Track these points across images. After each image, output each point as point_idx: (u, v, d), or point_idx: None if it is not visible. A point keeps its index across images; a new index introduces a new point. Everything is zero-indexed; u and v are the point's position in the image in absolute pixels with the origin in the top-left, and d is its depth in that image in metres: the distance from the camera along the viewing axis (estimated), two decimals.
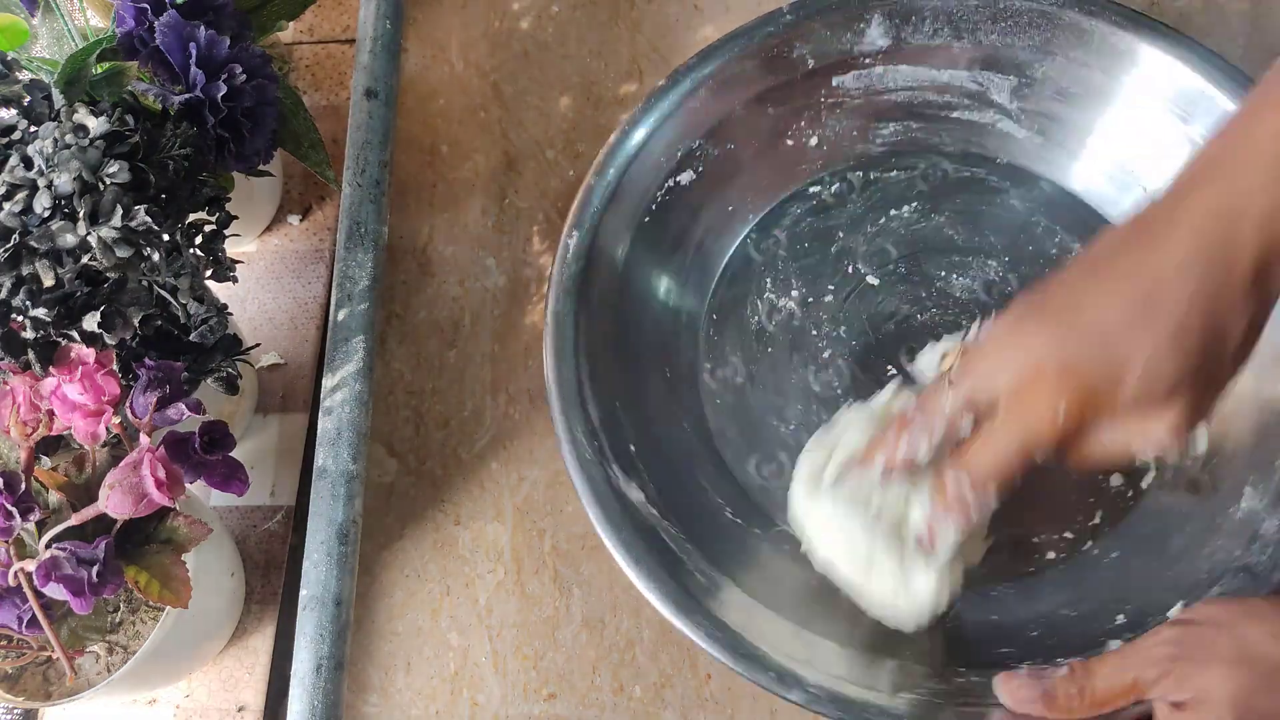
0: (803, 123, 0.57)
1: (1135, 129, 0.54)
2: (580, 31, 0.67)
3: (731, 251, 0.58)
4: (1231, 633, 0.38)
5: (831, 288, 0.56)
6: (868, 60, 0.56)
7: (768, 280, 0.57)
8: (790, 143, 0.58)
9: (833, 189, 0.58)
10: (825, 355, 0.55)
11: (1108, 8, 0.53)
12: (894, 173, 0.58)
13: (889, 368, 0.54)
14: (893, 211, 0.57)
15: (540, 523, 0.55)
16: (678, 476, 0.52)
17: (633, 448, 0.51)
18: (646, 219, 0.55)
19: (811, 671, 0.44)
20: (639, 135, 0.54)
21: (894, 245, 0.57)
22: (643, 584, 0.46)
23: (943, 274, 0.56)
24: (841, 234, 0.57)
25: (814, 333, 0.56)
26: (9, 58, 0.47)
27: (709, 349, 0.56)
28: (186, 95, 0.47)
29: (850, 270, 0.56)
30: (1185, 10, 0.62)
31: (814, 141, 0.58)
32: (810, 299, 0.56)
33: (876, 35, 0.55)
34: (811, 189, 0.58)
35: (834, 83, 0.56)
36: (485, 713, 0.52)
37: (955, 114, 0.57)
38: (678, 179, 0.56)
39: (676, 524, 0.50)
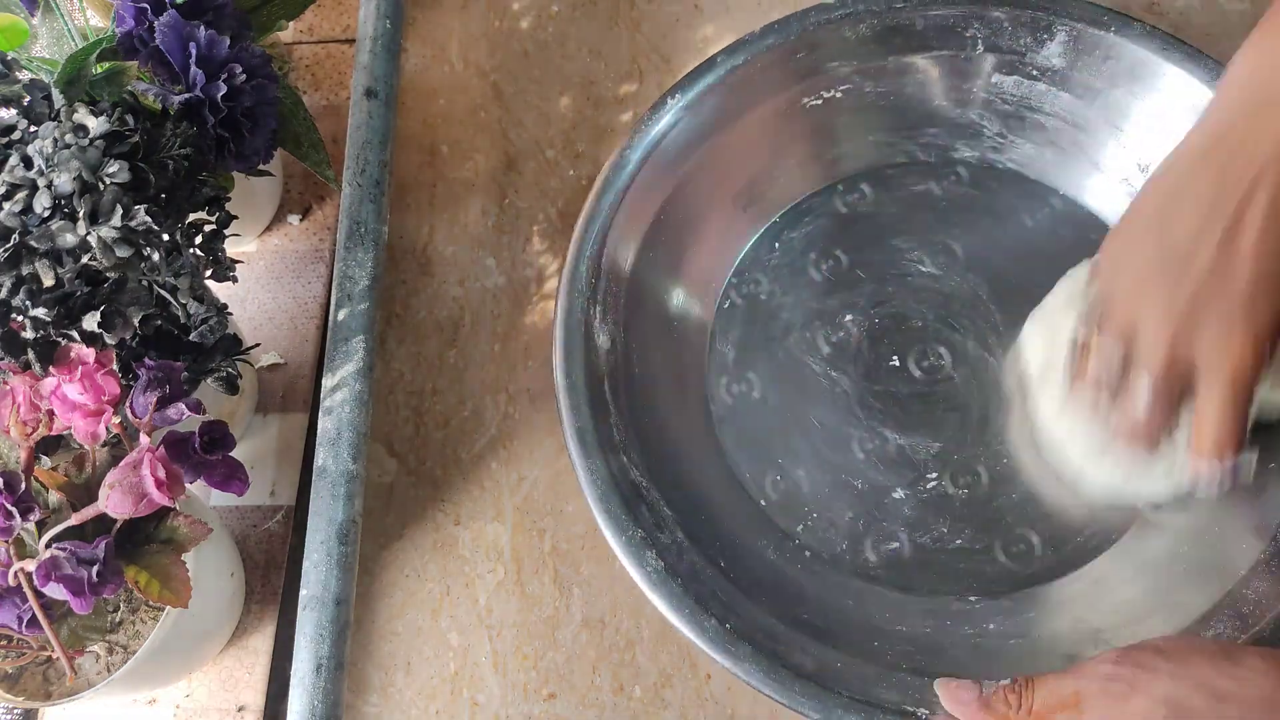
0: (944, 102, 0.56)
1: None
2: (580, 31, 0.67)
3: (819, 188, 0.58)
4: (1175, 660, 0.38)
5: (886, 255, 0.56)
6: (1034, 72, 0.54)
7: (839, 227, 0.57)
8: (923, 115, 0.57)
9: (948, 177, 0.57)
10: (846, 319, 0.55)
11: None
12: (1005, 191, 0.56)
13: (894, 358, 0.54)
14: (990, 220, 0.56)
15: (540, 523, 0.55)
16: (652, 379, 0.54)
17: (618, 312, 0.53)
18: (756, 113, 0.56)
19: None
20: (790, 36, 0.55)
21: (960, 246, 0.56)
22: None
23: (976, 281, 0.55)
24: (928, 213, 0.56)
25: (844, 292, 0.56)
26: (9, 58, 0.47)
27: (750, 260, 0.57)
28: (186, 95, 0.47)
29: (914, 252, 0.56)
30: (1185, 10, 0.62)
31: (947, 125, 0.57)
32: (864, 258, 0.56)
33: (1055, 52, 0.54)
34: (920, 168, 0.57)
35: (993, 79, 0.55)
36: (485, 713, 0.52)
37: (1096, 158, 0.55)
38: (805, 100, 0.56)
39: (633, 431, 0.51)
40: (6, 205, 0.42)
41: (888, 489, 0.52)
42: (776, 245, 0.57)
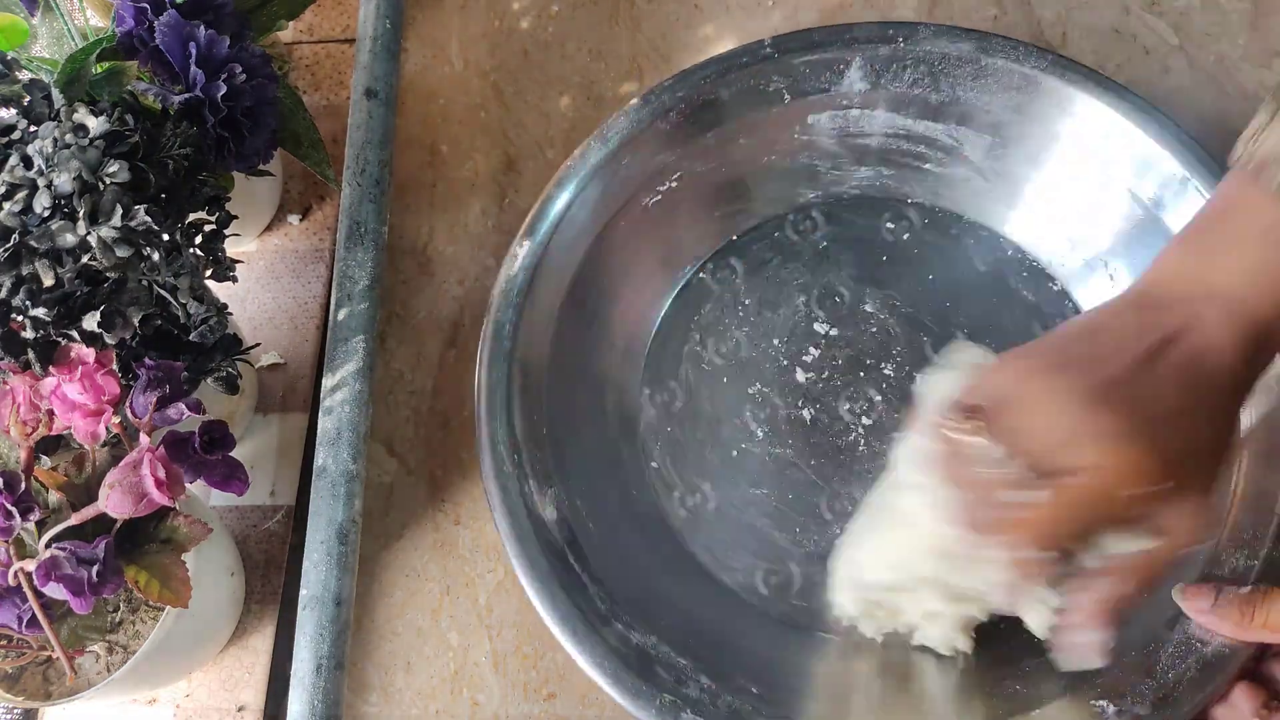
0: (773, 156, 0.57)
1: (1100, 203, 0.54)
2: (580, 31, 0.67)
3: (687, 277, 0.58)
4: None
5: (781, 322, 0.56)
6: (844, 102, 0.55)
7: (721, 309, 0.57)
8: (760, 175, 0.58)
9: (802, 223, 0.58)
10: (773, 398, 0.55)
11: (1090, 77, 0.52)
12: (860, 218, 0.58)
13: (825, 417, 0.54)
14: (853, 254, 0.57)
15: None
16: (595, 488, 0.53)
17: (552, 463, 0.51)
18: (604, 230, 0.55)
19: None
20: (610, 147, 0.55)
21: (846, 289, 0.57)
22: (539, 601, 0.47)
23: (883, 317, 0.56)
24: (796, 263, 0.57)
25: (753, 370, 0.55)
26: (9, 58, 0.47)
27: (652, 373, 0.56)
28: (186, 95, 0.47)
29: (803, 308, 0.56)
30: (1185, 10, 0.62)
31: (784, 176, 0.58)
32: (760, 330, 0.56)
33: (856, 78, 0.55)
34: (774, 224, 0.58)
35: (809, 120, 0.56)
36: (485, 712, 0.52)
37: (927, 166, 0.57)
38: (645, 200, 0.56)
39: (585, 541, 0.50)
40: (6, 205, 0.42)
41: None
42: (671, 345, 0.57)
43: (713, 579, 0.52)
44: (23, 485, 0.42)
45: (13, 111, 0.45)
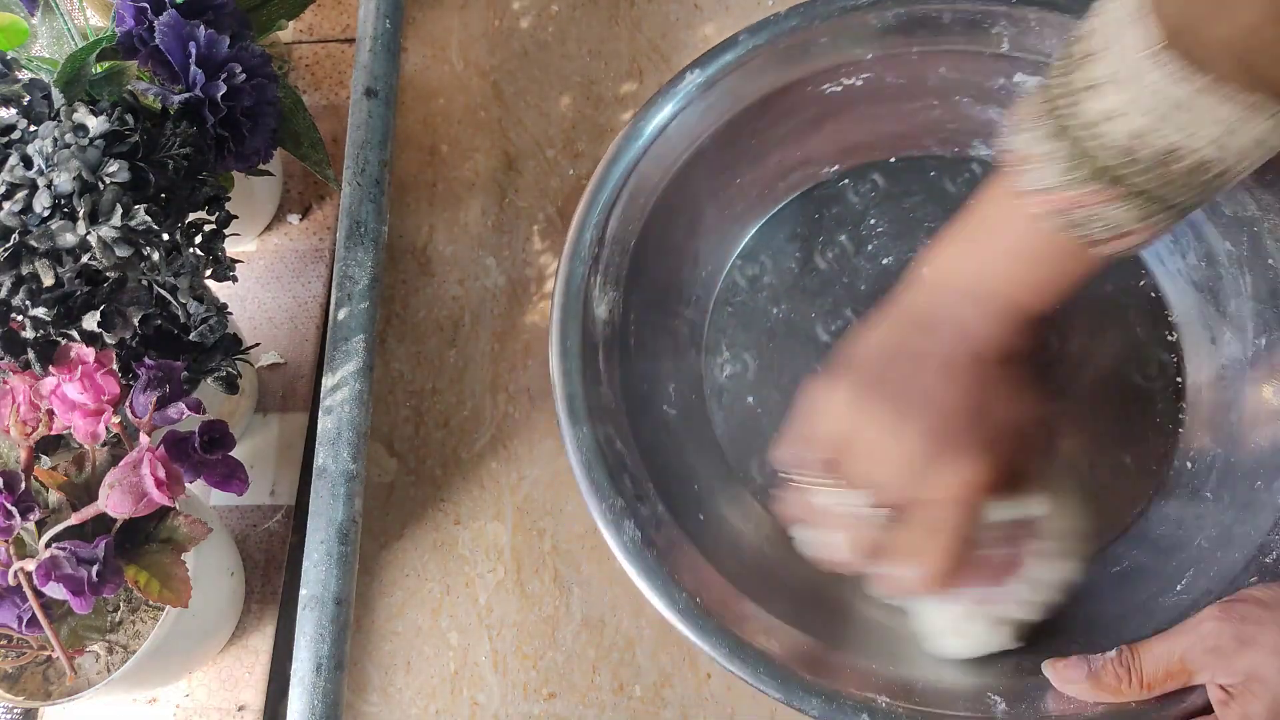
0: (964, 97, 0.55)
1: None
2: (580, 31, 0.67)
3: (829, 177, 0.58)
4: (1276, 611, 0.38)
5: (897, 251, 0.56)
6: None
7: (846, 218, 0.57)
8: (941, 109, 0.56)
9: (963, 173, 0.57)
10: (846, 310, 0.55)
11: None
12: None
13: None
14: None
15: (540, 522, 0.55)
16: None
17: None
18: (770, 96, 0.55)
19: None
20: (807, 22, 0.54)
21: None
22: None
23: None
24: (939, 207, 0.56)
25: (847, 282, 0.56)
26: (9, 57, 0.47)
27: (755, 243, 0.57)
28: (186, 94, 0.47)
29: (922, 248, 0.54)
30: None
31: (964, 121, 0.56)
32: (871, 250, 0.56)
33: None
34: (933, 164, 0.57)
35: (1016, 79, 0.53)
36: (485, 712, 0.52)
37: None
38: (825, 86, 0.55)
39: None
40: (6, 205, 0.42)
41: None
42: (783, 231, 0.57)
43: (717, 445, 0.54)
44: (23, 485, 0.42)
45: (13, 111, 0.45)
